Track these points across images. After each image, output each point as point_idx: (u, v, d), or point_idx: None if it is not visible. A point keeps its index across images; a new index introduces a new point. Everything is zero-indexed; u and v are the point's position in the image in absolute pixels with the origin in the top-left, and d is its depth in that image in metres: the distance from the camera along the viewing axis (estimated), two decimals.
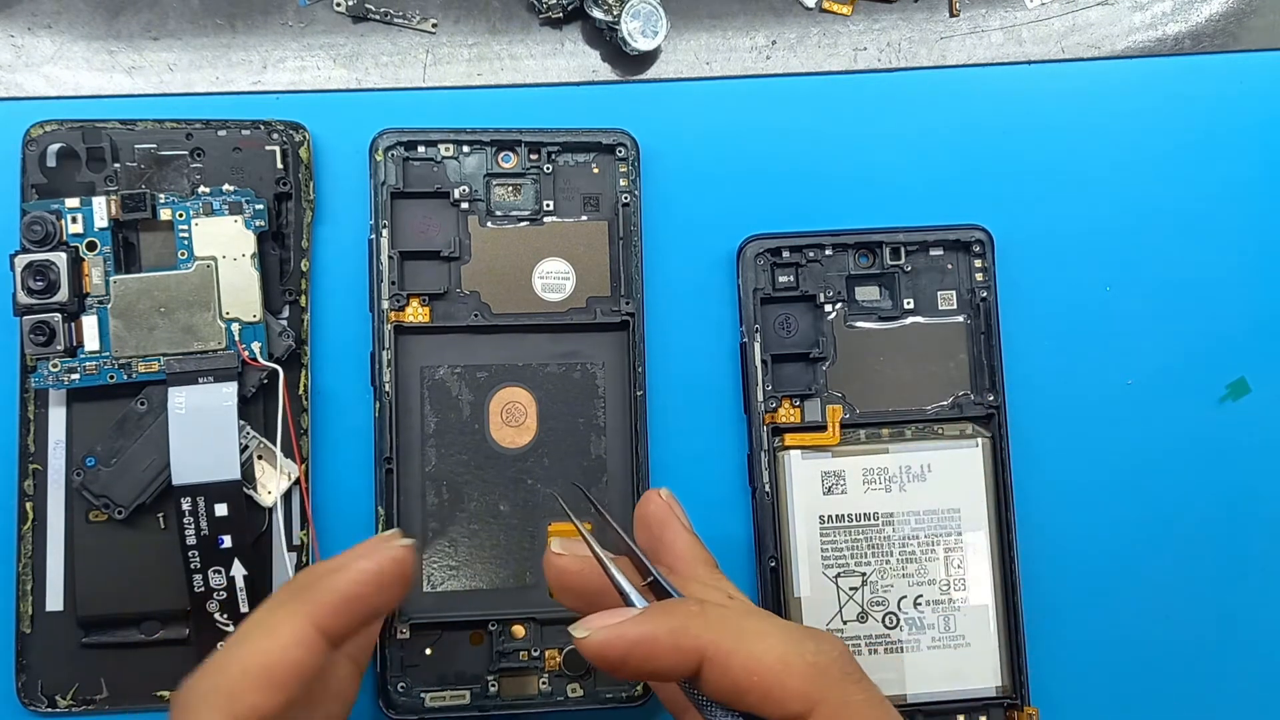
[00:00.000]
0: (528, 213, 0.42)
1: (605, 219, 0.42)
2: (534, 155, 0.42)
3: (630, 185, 0.42)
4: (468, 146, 0.42)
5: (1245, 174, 0.45)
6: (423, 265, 0.41)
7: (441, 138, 0.41)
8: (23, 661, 0.40)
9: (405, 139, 0.41)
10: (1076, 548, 0.44)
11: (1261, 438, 0.44)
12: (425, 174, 0.42)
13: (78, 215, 0.40)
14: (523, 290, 0.41)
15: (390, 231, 0.41)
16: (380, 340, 0.40)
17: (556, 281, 0.41)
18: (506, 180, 0.42)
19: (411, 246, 0.41)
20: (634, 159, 0.42)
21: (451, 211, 0.42)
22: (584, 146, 0.42)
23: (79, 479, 0.40)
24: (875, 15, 0.45)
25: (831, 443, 0.42)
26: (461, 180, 0.42)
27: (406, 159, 0.41)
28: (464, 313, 0.41)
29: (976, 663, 0.42)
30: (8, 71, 0.43)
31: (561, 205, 0.42)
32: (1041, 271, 0.44)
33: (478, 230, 0.41)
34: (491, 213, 0.42)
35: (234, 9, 0.43)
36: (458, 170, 0.42)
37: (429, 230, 0.41)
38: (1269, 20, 0.46)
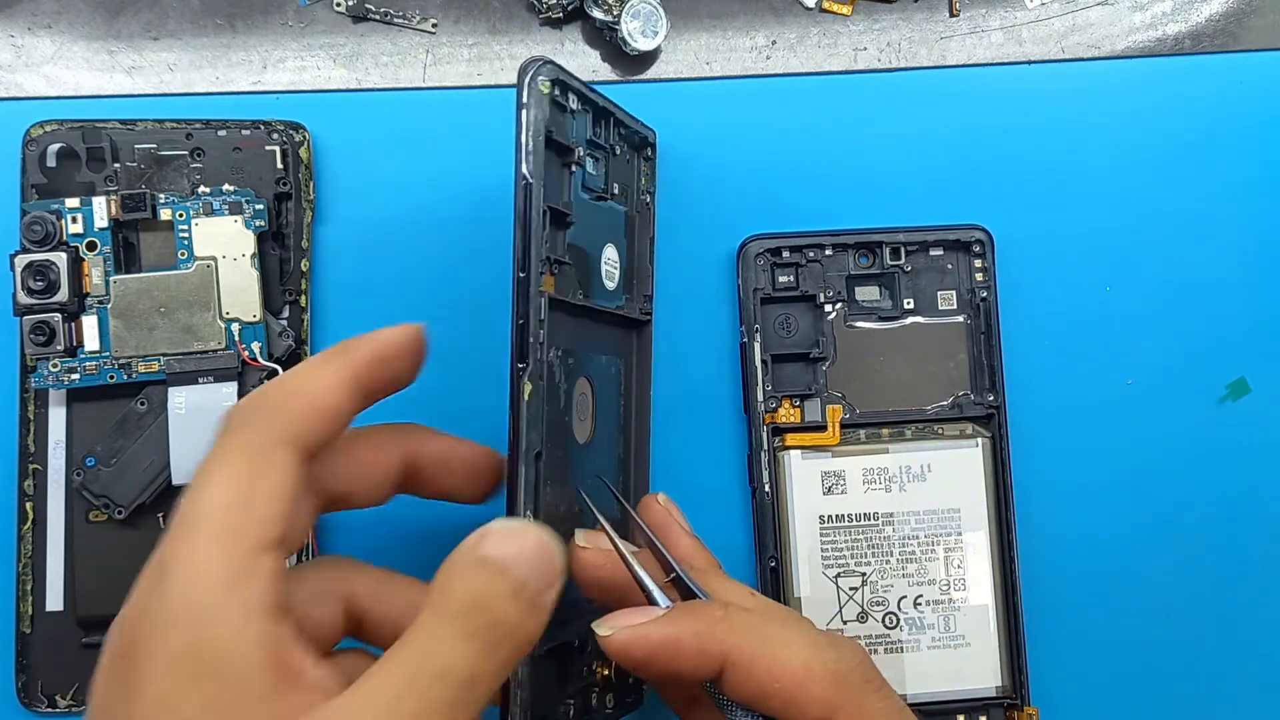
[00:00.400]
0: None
1: (634, 213, 0.41)
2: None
3: (649, 186, 0.42)
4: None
5: (1245, 174, 0.45)
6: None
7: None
8: (23, 661, 0.40)
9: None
10: (1076, 548, 0.44)
11: (1261, 438, 0.44)
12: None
13: (78, 215, 0.40)
14: (591, 276, 0.40)
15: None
16: (537, 313, 0.35)
17: (611, 269, 0.40)
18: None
19: None
20: (652, 156, 0.42)
21: None
22: (634, 140, 0.41)
23: (79, 479, 0.40)
24: (875, 15, 0.45)
25: (831, 443, 0.42)
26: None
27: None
28: (573, 291, 0.38)
29: (976, 663, 0.42)
30: (8, 71, 0.43)
31: (621, 185, 0.41)
32: (1041, 271, 0.44)
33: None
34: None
35: (234, 9, 0.43)
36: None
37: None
38: (1269, 20, 0.46)
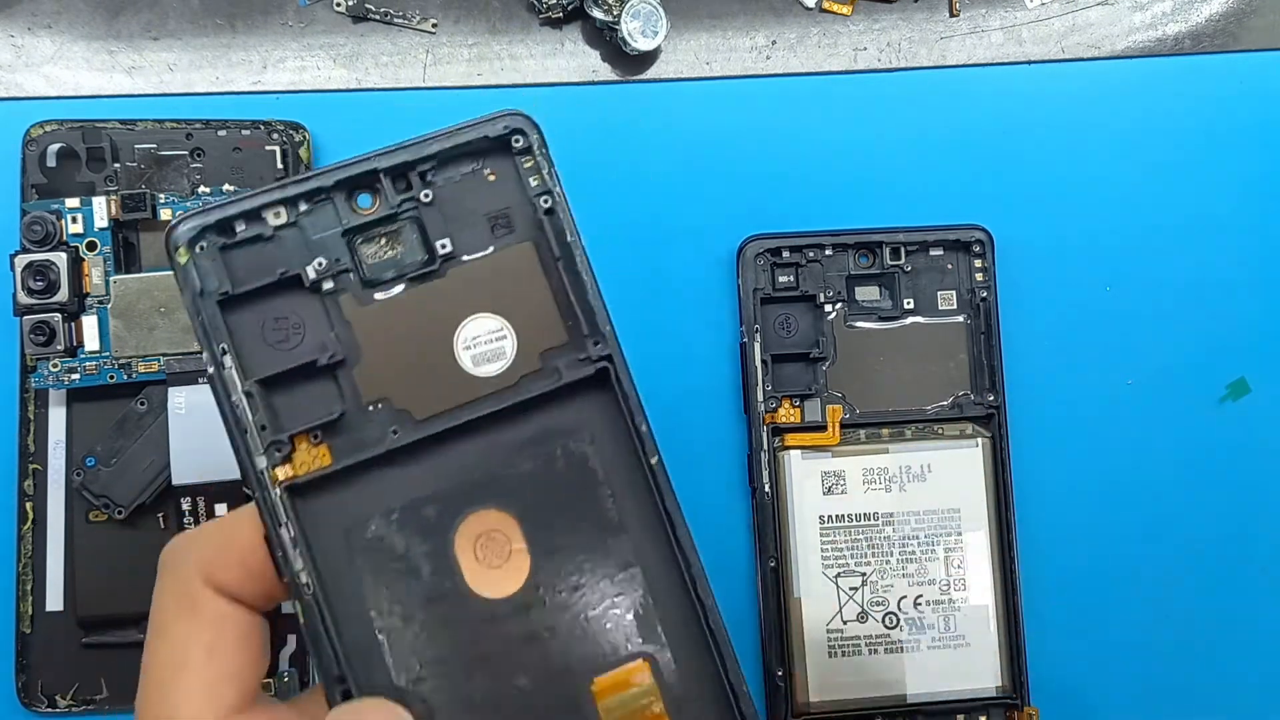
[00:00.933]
0: (417, 265, 0.29)
1: (527, 239, 0.29)
2: (401, 185, 0.30)
3: (545, 182, 0.30)
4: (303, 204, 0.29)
5: (1245, 174, 0.45)
6: (299, 391, 0.29)
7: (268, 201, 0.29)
8: (23, 661, 0.40)
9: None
10: (1076, 548, 0.44)
11: (1261, 438, 0.44)
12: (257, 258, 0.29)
13: (78, 215, 0.40)
14: (442, 371, 0.29)
15: (235, 357, 0.29)
16: (273, 516, 0.28)
17: (490, 346, 0.29)
18: (374, 231, 0.29)
19: (275, 367, 0.28)
20: (539, 147, 0.30)
21: (308, 300, 0.29)
22: (471, 152, 0.30)
23: (79, 479, 0.40)
24: (875, 15, 0.45)
25: (831, 443, 0.42)
26: (316, 251, 0.29)
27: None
28: (375, 433, 0.28)
29: (976, 663, 0.42)
30: (8, 71, 0.43)
31: (461, 240, 0.29)
32: (1041, 271, 0.44)
33: (357, 312, 0.29)
34: (373, 282, 0.29)
35: (234, 9, 0.43)
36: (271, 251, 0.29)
37: (289, 339, 0.29)
38: (1269, 20, 0.46)
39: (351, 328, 0.29)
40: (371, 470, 0.28)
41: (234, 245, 0.28)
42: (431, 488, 0.29)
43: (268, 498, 0.28)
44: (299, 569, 0.27)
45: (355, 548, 0.28)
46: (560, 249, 0.30)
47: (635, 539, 0.29)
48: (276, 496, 0.28)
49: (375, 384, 0.29)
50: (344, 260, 0.29)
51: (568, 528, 0.29)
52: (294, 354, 0.28)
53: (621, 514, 0.29)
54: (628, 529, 0.29)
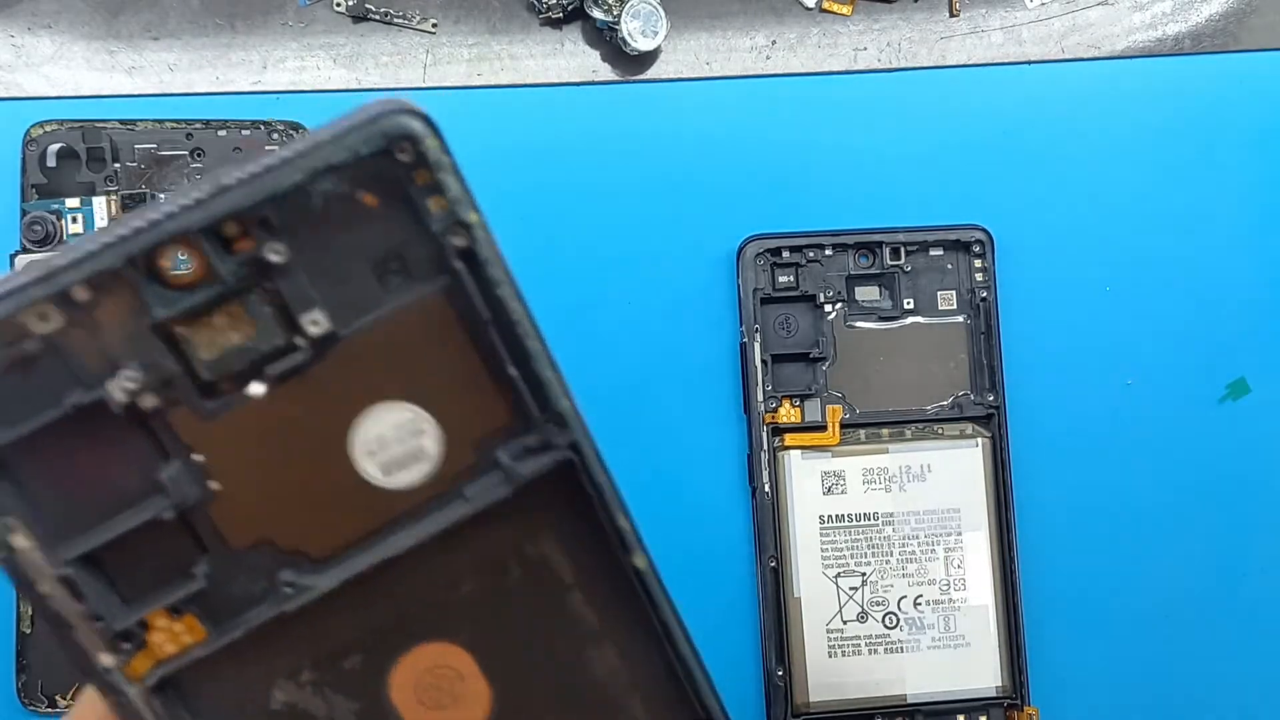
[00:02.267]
0: (278, 349, 0.20)
1: (435, 287, 0.20)
2: (237, 243, 0.20)
3: (454, 208, 0.21)
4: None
5: (1245, 174, 0.45)
6: (144, 551, 0.21)
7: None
8: (23, 661, 0.40)
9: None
10: (1076, 548, 0.44)
11: (1261, 438, 0.44)
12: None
13: (78, 215, 0.40)
14: (341, 488, 0.21)
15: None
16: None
17: (403, 447, 0.21)
18: (201, 313, 0.20)
19: (93, 542, 0.20)
20: (438, 155, 0.22)
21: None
22: (330, 175, 0.20)
23: None
24: (875, 15, 0.45)
25: (831, 443, 0.42)
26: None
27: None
28: (251, 587, 0.21)
29: (976, 663, 0.42)
30: (8, 71, 0.43)
31: (337, 300, 0.20)
32: (1041, 271, 0.44)
33: (196, 429, 0.20)
34: (208, 386, 0.20)
35: (234, 9, 0.43)
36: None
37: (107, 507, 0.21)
38: (1269, 20, 0.46)
39: (197, 453, 0.20)
40: (264, 634, 0.21)
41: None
42: (350, 635, 0.22)
43: (127, 703, 0.20)
44: None
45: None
46: (489, 303, 0.20)
47: (620, 643, 0.23)
48: (138, 699, 0.20)
49: (246, 524, 0.21)
50: (166, 363, 0.20)
51: (534, 647, 0.23)
52: (118, 509, 0.20)
53: (602, 618, 0.23)
54: (611, 634, 0.23)
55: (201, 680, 0.21)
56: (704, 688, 0.23)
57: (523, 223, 0.43)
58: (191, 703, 0.21)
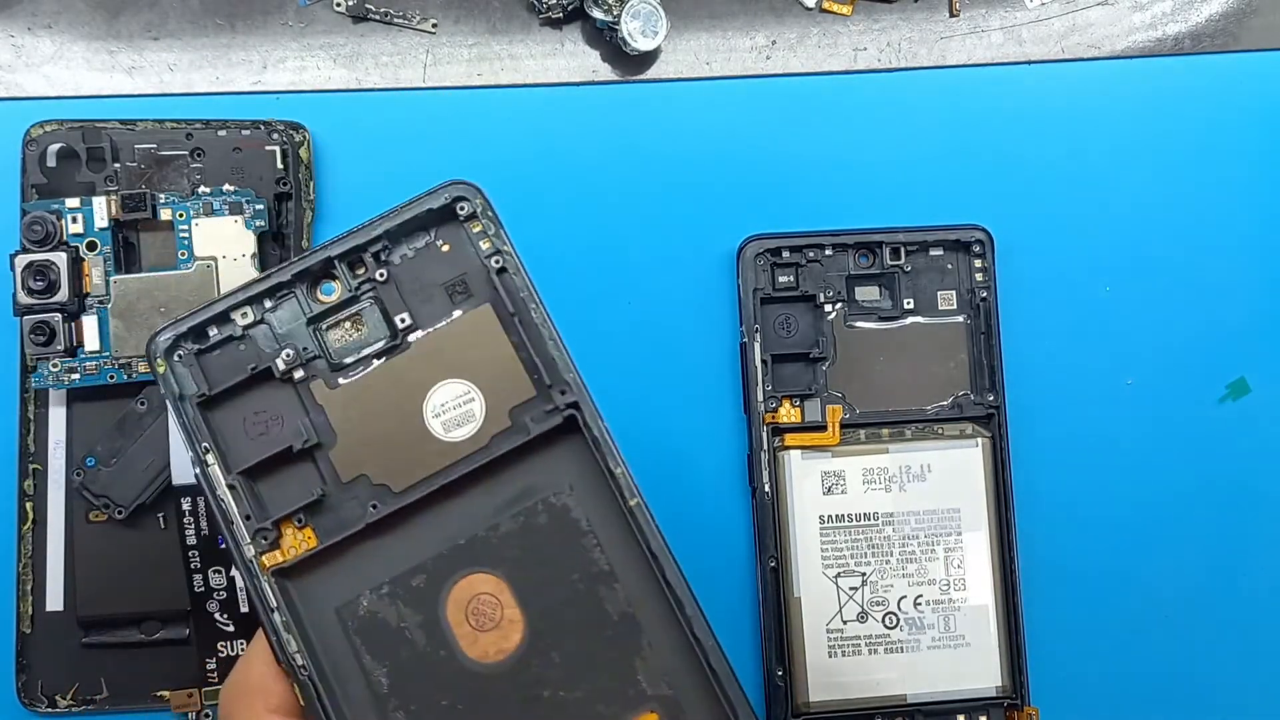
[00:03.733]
0: (380, 341, 0.31)
1: (485, 300, 0.31)
2: (359, 269, 0.31)
3: (494, 243, 0.31)
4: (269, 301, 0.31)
5: (1245, 174, 0.45)
6: (279, 478, 0.30)
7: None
8: (23, 661, 0.40)
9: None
10: (1076, 548, 0.44)
11: (1261, 438, 0.44)
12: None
13: (78, 215, 0.40)
14: (415, 441, 0.30)
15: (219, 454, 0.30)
16: (264, 600, 0.29)
17: (458, 410, 0.30)
18: (335, 317, 0.31)
19: (256, 456, 0.30)
20: (484, 210, 0.31)
21: (280, 390, 0.31)
22: (414, 228, 0.31)
23: (79, 479, 0.40)
24: (875, 15, 0.45)
25: (831, 443, 0.42)
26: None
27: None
28: (355, 511, 0.30)
29: (976, 663, 0.42)
30: (8, 71, 0.43)
31: (420, 312, 0.31)
32: (1041, 271, 0.44)
33: (326, 394, 0.30)
34: (338, 367, 0.31)
35: (234, 9, 0.43)
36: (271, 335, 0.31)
37: (268, 428, 0.31)
38: (1269, 20, 0.46)
39: (325, 411, 0.30)
40: (357, 547, 0.29)
41: (208, 349, 0.30)
42: (417, 558, 0.29)
43: (257, 584, 0.29)
44: (294, 651, 0.28)
45: (348, 625, 0.29)
46: (515, 305, 0.30)
47: (627, 586, 0.29)
48: (265, 582, 0.29)
49: (352, 462, 0.30)
50: (311, 348, 0.30)
51: (558, 583, 0.29)
52: (271, 443, 0.30)
53: (611, 562, 0.29)
54: (619, 577, 0.29)
55: (312, 577, 0.29)
56: (698, 620, 0.29)
57: (523, 223, 0.43)
58: (303, 593, 0.29)
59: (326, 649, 0.29)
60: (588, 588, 0.29)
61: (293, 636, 0.28)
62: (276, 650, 0.29)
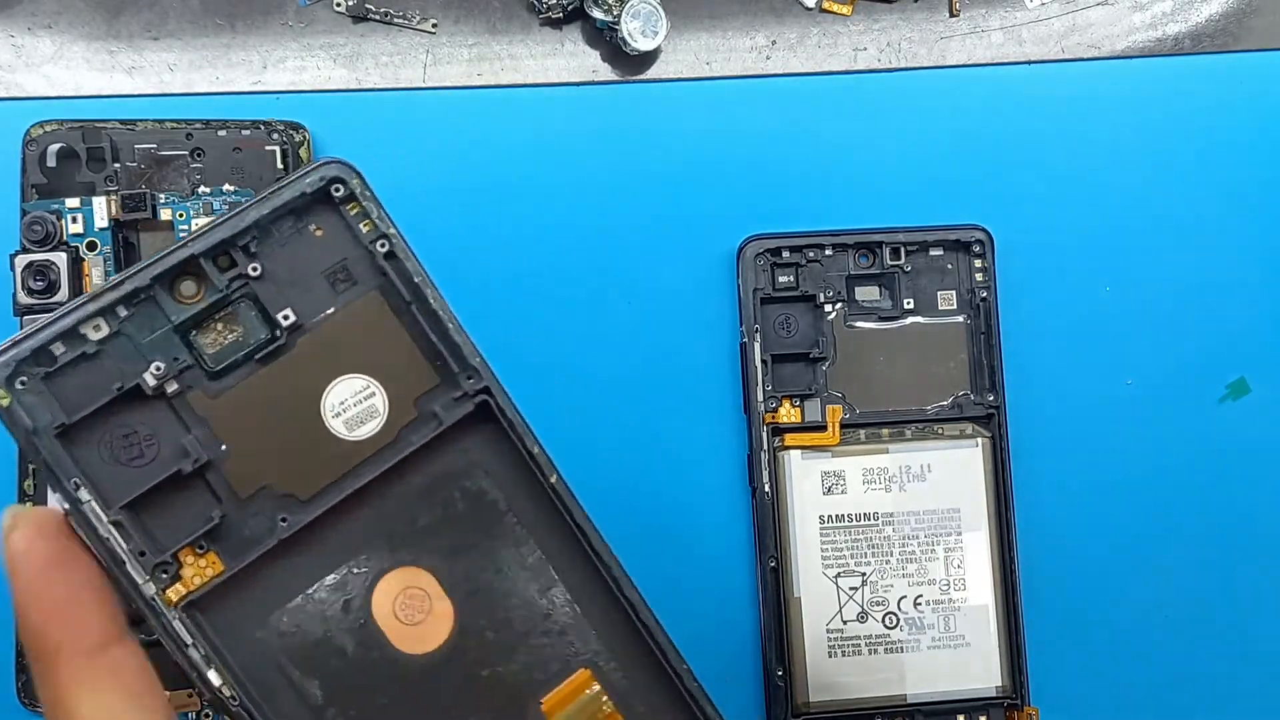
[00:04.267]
0: (263, 343, 0.28)
1: (372, 287, 0.28)
2: (224, 261, 0.28)
3: (377, 226, 0.28)
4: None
5: (1245, 174, 0.45)
6: (168, 507, 0.27)
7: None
8: (23, 661, 0.40)
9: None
10: (1076, 548, 0.44)
11: (1261, 438, 0.44)
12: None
13: (78, 215, 0.40)
14: (317, 443, 0.28)
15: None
16: (177, 639, 0.27)
17: (360, 407, 0.28)
18: (210, 324, 0.28)
19: (131, 491, 0.27)
20: (362, 191, 0.28)
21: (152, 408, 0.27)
22: (285, 214, 0.28)
23: None
24: (875, 15, 0.45)
25: (831, 443, 0.42)
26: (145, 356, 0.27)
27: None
28: (262, 528, 0.27)
29: (976, 663, 0.42)
30: (8, 71, 0.43)
31: (302, 304, 0.28)
32: (1041, 272, 0.44)
33: (208, 405, 0.27)
34: (213, 370, 0.28)
35: (234, 9, 0.43)
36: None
37: (141, 456, 0.28)
38: (1269, 20, 0.46)
39: (208, 424, 0.27)
40: (269, 563, 0.27)
41: (57, 371, 0.27)
42: (336, 564, 0.28)
43: (165, 623, 0.27)
44: (219, 685, 0.27)
45: (272, 645, 0.27)
46: (410, 291, 0.28)
47: (552, 558, 0.29)
48: (174, 619, 0.27)
49: (249, 476, 0.27)
50: (183, 357, 0.27)
51: (482, 565, 0.29)
52: (153, 468, 0.27)
53: (534, 537, 0.29)
54: (542, 550, 0.29)
55: (222, 605, 0.27)
56: (625, 581, 0.29)
57: (523, 222, 0.43)
58: (215, 623, 0.27)
59: (251, 674, 0.27)
60: (513, 566, 0.29)
61: (215, 669, 0.27)
62: (199, 686, 0.27)
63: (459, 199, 0.43)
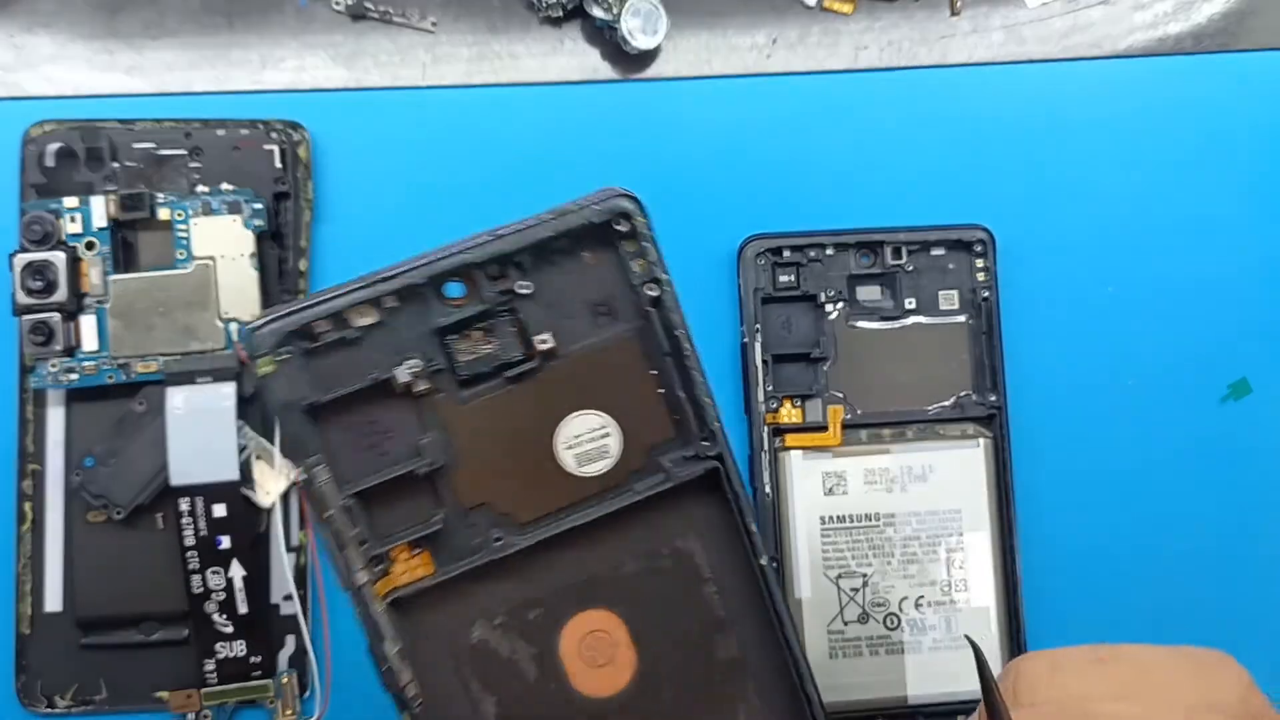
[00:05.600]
0: (507, 361, 0.28)
1: (632, 327, 0.29)
2: (494, 270, 0.29)
3: (650, 269, 0.29)
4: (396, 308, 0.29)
5: (1245, 174, 0.45)
6: (395, 505, 0.29)
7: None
8: (22, 662, 0.40)
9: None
10: (1078, 549, 0.44)
11: (1263, 438, 0.44)
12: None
13: (76, 215, 0.40)
14: (544, 471, 0.28)
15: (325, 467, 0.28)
16: (375, 629, 0.28)
17: (593, 444, 0.28)
18: (464, 333, 0.29)
19: (368, 481, 0.29)
20: (644, 231, 0.29)
21: (401, 405, 0.29)
22: (569, 237, 0.29)
23: (78, 479, 0.40)
24: (876, 14, 0.45)
25: (833, 443, 0.42)
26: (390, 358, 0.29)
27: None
28: (476, 540, 0.29)
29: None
30: (7, 71, 0.43)
31: (565, 331, 0.29)
32: (1043, 271, 0.44)
33: (451, 411, 0.28)
34: (465, 382, 0.29)
35: (233, 9, 0.43)
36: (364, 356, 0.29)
37: (382, 445, 0.29)
38: (1269, 20, 0.46)
39: (447, 430, 0.28)
40: (476, 578, 0.28)
41: (318, 349, 0.27)
42: (536, 591, 0.28)
43: (369, 612, 0.27)
44: (406, 681, 0.27)
45: (460, 655, 0.28)
46: (669, 342, 0.29)
47: (741, 635, 0.29)
48: (379, 611, 0.27)
49: (474, 488, 0.28)
50: (436, 360, 0.28)
51: (673, 625, 0.29)
52: (388, 462, 0.28)
53: (728, 611, 0.29)
54: (735, 625, 0.29)
55: (424, 607, 0.28)
56: (807, 676, 0.30)
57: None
58: (415, 621, 0.28)
59: (436, 678, 0.28)
60: (703, 633, 0.29)
61: (406, 667, 0.27)
62: (384, 679, 0.27)
63: (459, 198, 0.43)
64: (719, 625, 0.29)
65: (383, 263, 0.41)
